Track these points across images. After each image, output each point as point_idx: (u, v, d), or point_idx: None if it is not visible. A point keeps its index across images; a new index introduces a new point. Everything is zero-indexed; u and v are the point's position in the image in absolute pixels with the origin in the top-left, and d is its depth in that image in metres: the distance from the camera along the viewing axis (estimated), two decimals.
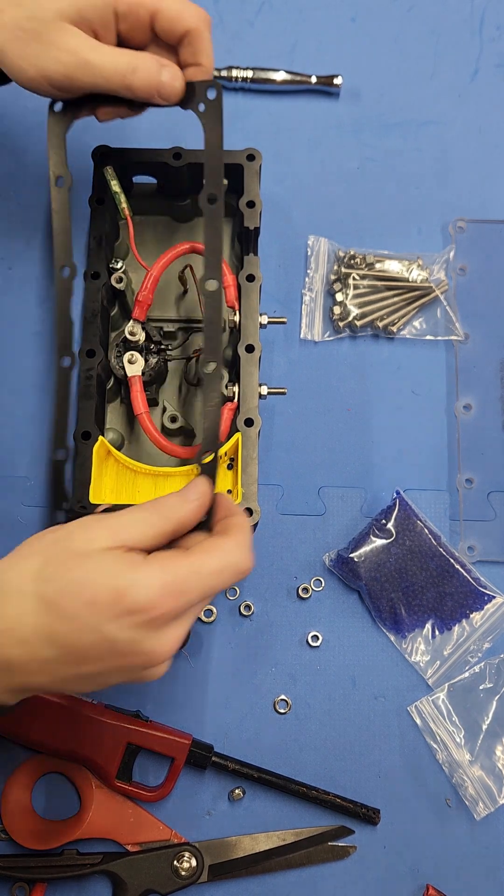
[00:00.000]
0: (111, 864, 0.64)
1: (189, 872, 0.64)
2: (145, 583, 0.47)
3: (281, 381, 0.76)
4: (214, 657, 0.70)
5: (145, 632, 0.48)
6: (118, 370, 0.68)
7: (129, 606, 0.47)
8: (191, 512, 0.51)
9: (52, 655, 0.48)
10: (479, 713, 0.69)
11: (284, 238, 0.80)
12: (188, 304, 0.75)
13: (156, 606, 0.47)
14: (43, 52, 0.56)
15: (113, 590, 0.47)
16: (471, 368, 0.77)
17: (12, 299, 0.78)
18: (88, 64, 0.56)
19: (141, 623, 0.47)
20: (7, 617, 0.48)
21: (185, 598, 0.48)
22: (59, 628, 0.47)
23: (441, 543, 0.71)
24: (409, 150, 0.83)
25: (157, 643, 0.48)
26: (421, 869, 0.67)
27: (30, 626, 0.47)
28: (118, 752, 0.65)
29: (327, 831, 0.67)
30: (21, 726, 0.65)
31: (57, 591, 0.47)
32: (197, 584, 0.49)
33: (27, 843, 0.64)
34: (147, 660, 0.49)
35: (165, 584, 0.47)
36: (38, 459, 0.74)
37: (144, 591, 0.47)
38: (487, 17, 0.87)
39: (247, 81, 0.82)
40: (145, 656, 0.48)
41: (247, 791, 0.68)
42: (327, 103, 0.84)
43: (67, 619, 0.47)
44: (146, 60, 0.57)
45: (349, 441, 0.75)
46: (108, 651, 0.48)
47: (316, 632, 0.71)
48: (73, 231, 0.61)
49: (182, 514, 0.51)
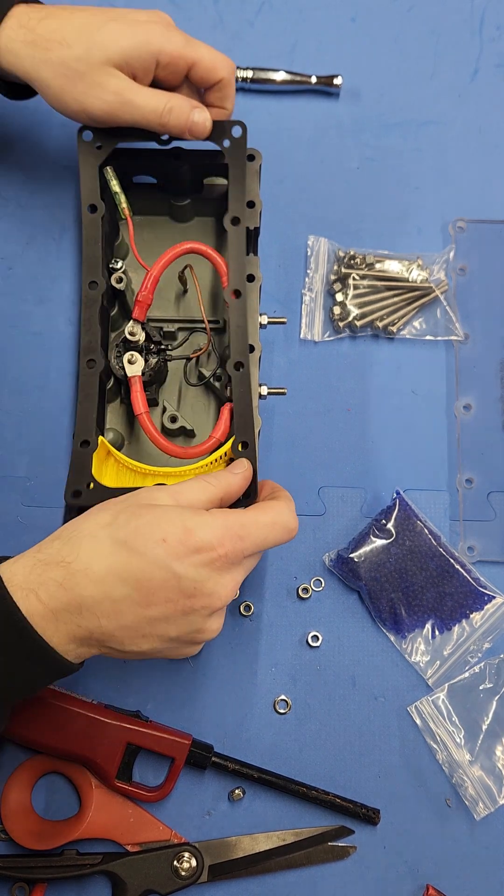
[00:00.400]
0: (111, 864, 0.64)
1: (189, 872, 0.64)
2: (211, 524, 0.53)
3: (281, 381, 0.76)
4: (214, 657, 0.70)
5: (209, 571, 0.53)
6: (118, 370, 0.68)
7: (196, 544, 0.52)
8: (237, 482, 0.59)
9: (123, 593, 0.52)
10: (479, 713, 0.69)
11: (284, 238, 0.80)
12: (188, 304, 0.75)
13: (220, 545, 0.53)
14: (88, 91, 0.64)
15: (182, 528, 0.52)
16: (471, 368, 0.77)
17: (12, 299, 0.78)
18: (130, 104, 0.64)
19: (206, 561, 0.53)
20: (82, 558, 0.52)
21: (243, 543, 0.54)
22: (132, 565, 0.52)
23: (441, 543, 0.71)
24: (409, 150, 0.83)
25: (219, 584, 0.54)
26: (421, 869, 0.67)
27: (104, 565, 0.52)
28: (118, 752, 0.65)
29: (327, 831, 0.67)
30: (21, 726, 0.65)
31: (131, 531, 0.52)
32: (255, 531, 0.55)
33: (27, 843, 0.64)
34: (209, 602, 0.53)
35: (228, 526, 0.54)
36: (39, 459, 0.74)
37: (210, 531, 0.53)
38: (487, 17, 0.87)
39: (247, 81, 0.82)
40: (207, 598, 0.53)
41: (247, 791, 0.68)
42: (327, 103, 0.84)
43: (140, 556, 0.52)
44: (181, 102, 0.65)
45: (349, 441, 0.75)
46: (175, 589, 0.52)
47: (316, 632, 0.71)
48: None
49: (230, 482, 0.58)
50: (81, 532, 0.53)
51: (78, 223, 0.79)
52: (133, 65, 0.64)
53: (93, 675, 0.69)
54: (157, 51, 0.64)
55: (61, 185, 0.80)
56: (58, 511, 0.72)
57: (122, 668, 0.70)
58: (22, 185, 0.80)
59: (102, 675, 0.69)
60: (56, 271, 0.78)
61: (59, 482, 0.73)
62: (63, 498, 0.64)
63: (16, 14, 0.65)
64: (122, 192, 0.69)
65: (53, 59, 0.63)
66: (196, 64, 0.65)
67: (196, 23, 0.85)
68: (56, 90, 0.64)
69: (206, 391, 0.74)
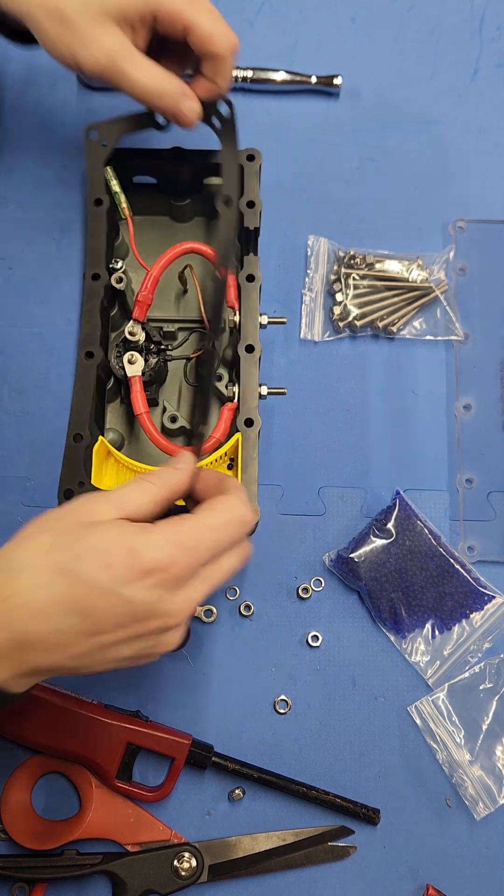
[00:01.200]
0: (111, 864, 0.64)
1: (189, 872, 0.64)
2: (158, 542, 0.48)
3: (281, 381, 0.76)
4: (214, 657, 0.70)
5: (162, 591, 0.48)
6: (118, 370, 0.69)
7: (145, 566, 0.47)
8: (181, 479, 0.53)
9: (70, 624, 0.47)
10: (479, 713, 0.69)
11: (284, 238, 0.80)
12: (188, 304, 0.75)
13: (171, 564, 0.48)
14: (80, 43, 0.60)
15: (127, 551, 0.47)
16: (471, 368, 0.77)
17: (12, 299, 0.78)
18: (122, 73, 0.61)
19: (158, 583, 0.48)
20: (22, 592, 0.47)
21: (196, 554, 0.49)
22: (77, 594, 0.47)
23: (441, 543, 0.71)
24: (409, 150, 0.83)
25: (175, 603, 0.49)
26: (421, 869, 0.67)
27: (46, 597, 0.47)
28: (118, 752, 0.65)
29: (327, 831, 0.67)
30: (21, 726, 0.65)
31: (72, 558, 0.47)
32: (207, 536, 0.50)
33: (27, 843, 0.64)
34: (164, 622, 0.49)
35: (177, 541, 0.48)
36: (39, 459, 0.74)
37: (158, 550, 0.48)
38: (487, 17, 0.87)
39: (247, 81, 0.82)
40: (162, 619, 0.49)
41: (247, 791, 0.68)
42: (327, 103, 0.84)
43: (84, 584, 0.47)
44: (173, 88, 0.63)
45: (349, 441, 0.75)
46: (126, 615, 0.48)
47: (316, 632, 0.71)
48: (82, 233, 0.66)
49: (175, 480, 0.52)
50: (18, 562, 0.48)
51: (84, 219, 0.79)
52: (131, 17, 0.61)
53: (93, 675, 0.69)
54: (156, 6, 0.61)
55: (61, 185, 0.80)
56: None
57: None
58: (22, 185, 0.81)
59: (102, 675, 0.69)
60: (56, 271, 0.78)
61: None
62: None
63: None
64: (122, 192, 0.69)
65: (49, 3, 0.60)
66: (192, 28, 0.62)
67: None
68: (51, 35, 0.61)
69: None
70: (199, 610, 0.71)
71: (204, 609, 0.71)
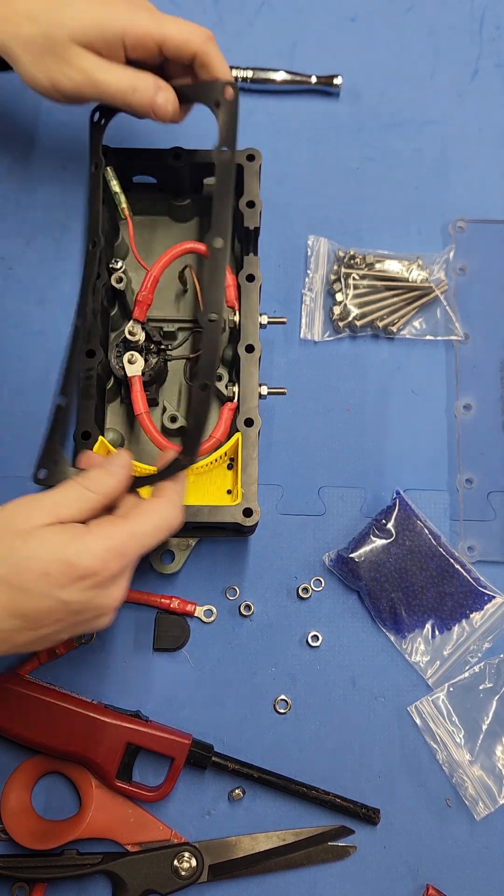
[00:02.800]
0: (111, 864, 0.64)
1: (189, 872, 0.64)
2: (92, 550, 0.52)
3: (281, 381, 0.76)
4: (214, 657, 0.70)
5: (95, 591, 0.53)
6: (118, 370, 0.69)
7: (80, 573, 0.52)
8: (117, 483, 0.56)
9: (12, 625, 0.52)
10: (479, 713, 0.69)
11: (284, 238, 0.80)
12: (188, 304, 0.75)
13: (104, 568, 0.53)
14: (55, 67, 0.63)
15: (63, 561, 0.52)
16: (471, 368, 0.77)
17: (12, 299, 0.78)
18: (96, 82, 0.63)
19: (92, 585, 0.53)
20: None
21: (126, 559, 0.54)
22: (17, 601, 0.52)
23: (441, 543, 0.71)
24: (409, 150, 0.83)
25: (107, 599, 0.54)
26: (421, 869, 0.67)
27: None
28: (118, 752, 0.65)
29: (327, 831, 0.67)
30: (21, 726, 0.65)
31: (11, 568, 0.52)
32: (136, 544, 0.55)
33: (27, 843, 0.64)
34: (98, 612, 0.55)
35: (109, 548, 0.53)
36: None
37: (91, 558, 0.52)
38: (487, 17, 0.87)
39: (247, 81, 0.82)
40: (96, 610, 0.54)
41: (247, 791, 0.68)
42: (327, 103, 0.84)
43: (24, 592, 0.52)
44: (146, 81, 0.63)
45: (349, 441, 0.75)
46: (64, 612, 0.53)
47: (316, 632, 0.71)
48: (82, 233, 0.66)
49: (109, 486, 0.56)
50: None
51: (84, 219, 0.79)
52: (97, 45, 0.62)
53: (93, 675, 0.69)
54: (121, 32, 0.62)
55: (62, 185, 0.80)
56: None
57: (122, 668, 0.70)
58: (22, 184, 0.81)
59: (102, 675, 0.70)
60: (56, 271, 0.78)
61: None
62: None
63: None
64: (121, 192, 0.69)
65: (23, 34, 0.62)
66: (165, 41, 0.63)
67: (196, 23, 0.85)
68: (27, 65, 0.63)
69: None
70: (199, 610, 0.71)
71: (204, 609, 0.71)
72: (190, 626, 0.71)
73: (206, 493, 0.66)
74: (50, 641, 0.55)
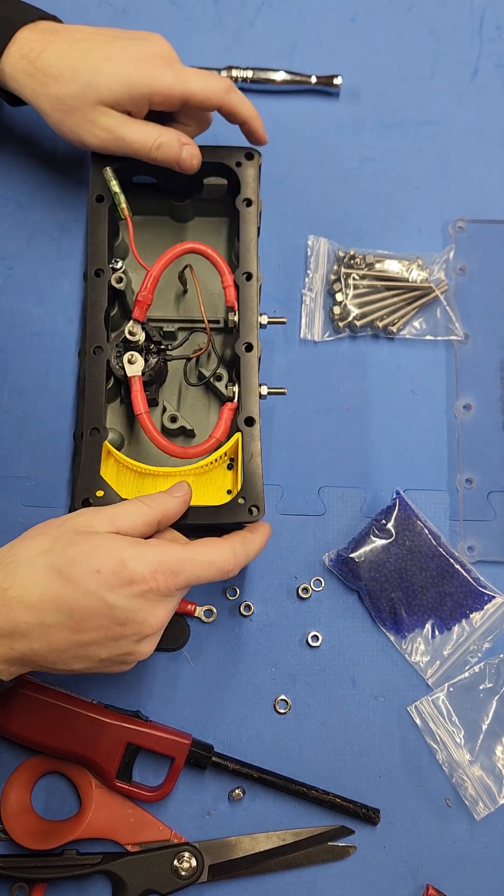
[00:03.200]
0: (111, 864, 0.64)
1: (189, 872, 0.64)
2: (146, 557, 0.54)
3: (281, 381, 0.76)
4: (214, 657, 0.70)
5: (141, 602, 0.54)
6: (118, 370, 0.68)
7: (129, 576, 0.53)
8: (175, 506, 0.59)
9: (56, 620, 0.53)
10: (479, 713, 0.69)
11: (284, 238, 0.80)
12: (188, 304, 0.75)
13: (152, 578, 0.54)
14: (82, 126, 0.67)
15: (117, 559, 0.53)
16: (471, 368, 0.77)
17: (12, 299, 0.78)
18: (122, 139, 0.67)
19: (138, 593, 0.54)
20: (18, 585, 0.53)
21: (176, 579, 0.55)
22: (66, 593, 0.53)
23: (441, 543, 0.71)
24: (409, 150, 0.83)
25: (150, 614, 0.55)
26: (421, 869, 0.67)
27: (39, 592, 0.53)
28: (118, 752, 0.65)
29: (327, 831, 0.67)
30: (21, 726, 0.65)
31: (67, 560, 0.53)
32: (188, 569, 0.56)
33: (27, 843, 0.64)
34: (139, 629, 0.55)
35: (162, 562, 0.54)
36: (38, 459, 0.74)
37: (145, 564, 0.54)
38: (487, 17, 0.87)
39: (247, 81, 0.82)
40: (138, 626, 0.54)
41: (247, 791, 0.68)
42: (327, 103, 0.84)
43: (74, 585, 0.53)
44: (170, 138, 0.67)
45: (349, 441, 0.75)
46: (106, 617, 0.53)
47: (316, 632, 0.71)
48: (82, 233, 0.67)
49: (168, 506, 0.58)
50: (18, 558, 0.54)
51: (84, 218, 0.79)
52: (124, 105, 0.67)
53: (93, 675, 0.69)
54: (148, 92, 0.66)
55: (61, 184, 0.80)
56: (58, 511, 0.72)
57: None
58: (22, 184, 0.81)
59: (102, 675, 0.69)
60: (56, 271, 0.78)
61: (60, 482, 0.73)
62: (70, 501, 0.63)
63: (19, 41, 0.67)
64: (121, 192, 0.69)
65: (51, 93, 0.67)
66: (188, 99, 0.67)
67: (196, 23, 0.86)
68: (54, 120, 0.68)
69: (206, 391, 0.74)
70: (199, 610, 0.71)
71: (204, 609, 0.71)
72: (190, 626, 0.71)
73: (206, 493, 0.66)
74: (86, 658, 0.55)
